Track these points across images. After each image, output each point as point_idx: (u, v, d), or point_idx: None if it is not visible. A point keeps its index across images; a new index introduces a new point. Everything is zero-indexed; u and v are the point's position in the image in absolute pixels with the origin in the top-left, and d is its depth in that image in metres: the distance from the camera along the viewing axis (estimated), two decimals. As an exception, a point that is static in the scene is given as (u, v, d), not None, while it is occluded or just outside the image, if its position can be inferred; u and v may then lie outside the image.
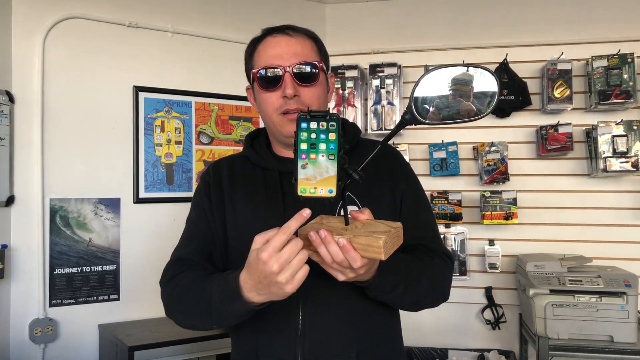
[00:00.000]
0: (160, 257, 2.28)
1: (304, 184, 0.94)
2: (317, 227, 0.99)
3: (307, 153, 0.94)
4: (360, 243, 0.96)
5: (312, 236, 0.97)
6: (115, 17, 2.75)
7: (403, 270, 1.14)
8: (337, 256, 0.97)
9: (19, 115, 2.50)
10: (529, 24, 3.14)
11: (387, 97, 3.15)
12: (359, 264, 0.97)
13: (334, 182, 0.94)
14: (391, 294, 1.15)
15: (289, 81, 1.22)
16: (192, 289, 1.18)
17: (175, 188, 2.89)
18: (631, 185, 2.98)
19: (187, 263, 1.28)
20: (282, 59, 1.23)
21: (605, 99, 2.89)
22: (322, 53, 1.32)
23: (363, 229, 1.00)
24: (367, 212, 1.05)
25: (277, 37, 1.27)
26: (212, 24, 3.03)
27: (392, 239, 0.99)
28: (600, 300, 2.55)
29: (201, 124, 2.98)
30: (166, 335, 2.43)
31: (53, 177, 2.58)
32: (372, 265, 1.05)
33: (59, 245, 2.58)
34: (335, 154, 0.94)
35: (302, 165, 0.94)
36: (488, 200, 3.03)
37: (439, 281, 1.26)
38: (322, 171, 0.94)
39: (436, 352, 3.05)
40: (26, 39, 2.53)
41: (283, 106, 1.23)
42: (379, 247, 0.94)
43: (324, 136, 0.94)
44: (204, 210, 1.33)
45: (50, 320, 2.53)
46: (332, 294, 1.20)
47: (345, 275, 1.02)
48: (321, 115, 0.94)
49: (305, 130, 0.94)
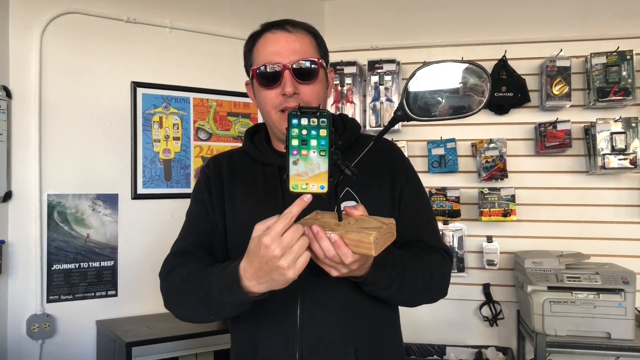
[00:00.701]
0: (158, 253, 2.28)
1: (296, 180, 0.94)
2: (311, 223, 1.00)
3: (298, 149, 0.94)
4: (351, 239, 0.97)
5: (305, 232, 0.98)
6: (114, 12, 2.74)
7: (398, 267, 1.14)
8: (328, 252, 0.97)
9: (16, 110, 2.49)
10: (528, 21, 3.14)
11: (385, 93, 3.14)
12: (350, 259, 0.97)
13: (325, 178, 0.94)
14: (386, 290, 1.15)
15: (288, 79, 1.21)
16: (190, 281, 1.17)
17: (174, 184, 2.89)
18: (629, 183, 2.99)
19: (186, 255, 1.28)
20: (281, 56, 1.22)
21: (603, 96, 2.89)
22: (321, 48, 1.31)
23: (355, 225, 1.01)
24: (360, 208, 1.06)
25: (276, 34, 1.26)
26: (211, 20, 3.02)
27: (384, 235, 0.99)
28: (598, 297, 2.55)
29: (199, 120, 2.98)
30: (164, 331, 2.42)
31: (50, 173, 2.57)
32: (366, 262, 1.05)
33: (56, 241, 2.58)
34: (326, 150, 0.94)
35: (293, 161, 0.94)
36: (486, 197, 3.04)
37: (437, 277, 1.25)
38: (314, 167, 0.94)
39: (434, 349, 3.05)
40: (24, 34, 2.52)
41: (282, 103, 1.23)
42: (369, 243, 0.95)
43: (315, 132, 0.94)
44: (204, 203, 1.33)
45: (47, 316, 2.53)
46: (330, 288, 1.20)
47: (338, 271, 1.03)
48: (312, 112, 0.94)
49: (296, 127, 0.94)
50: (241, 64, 1.35)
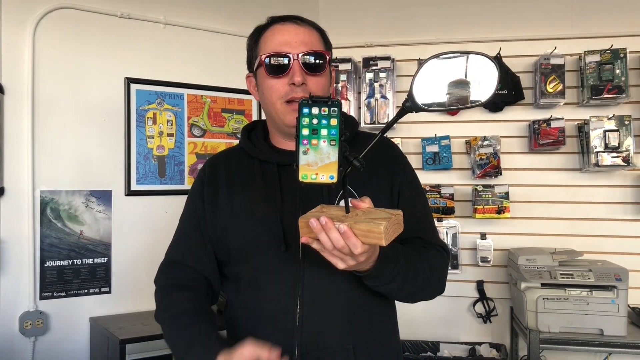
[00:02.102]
0: (152, 250, 2.28)
1: (305, 169, 0.93)
2: (317, 216, 0.98)
3: (308, 139, 0.93)
4: (361, 229, 0.96)
5: (312, 223, 0.97)
6: (107, 7, 2.72)
7: (402, 261, 1.14)
8: (337, 242, 0.97)
9: (8, 106, 2.47)
10: (522, 18, 3.14)
11: (380, 90, 3.14)
12: (360, 250, 0.96)
13: (335, 168, 0.93)
14: (389, 285, 1.15)
15: (297, 69, 1.22)
16: (173, 332, 1.26)
17: (167, 181, 2.88)
18: (622, 180, 3.00)
19: (177, 267, 1.35)
20: (290, 46, 1.23)
21: (597, 93, 2.90)
22: (327, 45, 1.32)
23: (363, 216, 1.00)
24: (367, 200, 1.05)
25: (286, 25, 1.27)
26: (205, 16, 3.01)
27: (393, 225, 0.99)
28: (590, 294, 2.57)
29: (193, 116, 2.97)
30: (158, 328, 2.35)
31: (43, 169, 2.56)
32: (372, 254, 1.04)
33: (49, 237, 2.56)
34: (336, 140, 0.93)
35: (303, 151, 0.93)
36: (480, 194, 3.04)
37: (436, 273, 1.26)
38: (324, 157, 0.93)
39: (427, 345, 3.06)
40: (16, 29, 2.50)
41: (289, 94, 1.23)
42: (379, 232, 0.94)
43: (326, 122, 0.93)
44: (195, 211, 1.35)
45: (40, 313, 2.51)
46: (329, 286, 1.20)
47: (346, 263, 1.01)
48: (323, 101, 0.94)
49: (307, 116, 0.94)
50: (235, 59, 1.35)
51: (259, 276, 1.25)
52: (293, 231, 1.20)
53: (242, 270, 1.29)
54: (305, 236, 1.00)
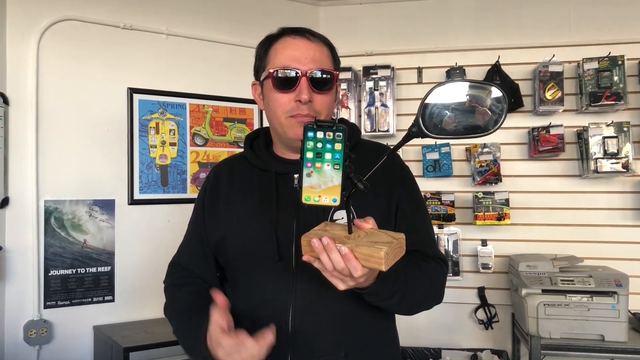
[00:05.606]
0: (155, 259, 2.30)
1: (309, 192, 0.94)
2: (321, 234, 0.99)
3: (312, 162, 0.94)
4: (361, 252, 0.96)
5: (314, 243, 0.98)
6: (110, 19, 2.76)
7: (401, 278, 1.14)
8: (338, 264, 0.97)
9: (13, 117, 2.50)
10: (521, 26, 3.17)
11: (380, 99, 3.17)
12: (360, 273, 0.97)
13: (338, 191, 0.94)
14: (388, 301, 1.15)
15: (305, 86, 1.22)
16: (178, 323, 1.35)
17: (170, 189, 2.90)
18: (621, 186, 3.02)
19: (180, 269, 1.43)
20: (300, 62, 1.23)
21: (596, 100, 2.92)
22: (335, 62, 1.33)
23: (365, 238, 1.01)
24: (371, 221, 1.05)
25: (297, 39, 1.27)
26: (207, 26, 3.04)
27: (394, 250, 0.99)
28: (591, 300, 2.58)
29: (195, 125, 2.99)
30: (161, 336, 2.43)
31: (47, 179, 2.58)
32: (372, 274, 1.05)
33: (53, 246, 2.58)
34: (340, 164, 0.94)
35: (307, 173, 0.94)
36: (481, 201, 3.06)
37: (435, 286, 1.27)
38: (327, 180, 0.94)
39: (429, 352, 3.06)
40: (21, 41, 2.53)
41: (295, 110, 1.24)
42: (380, 257, 0.94)
43: (330, 146, 0.94)
44: (197, 218, 1.41)
45: (44, 322, 2.53)
46: (322, 294, 1.21)
47: (345, 284, 1.02)
48: (328, 125, 0.95)
49: (311, 140, 0.95)
50: (237, 69, 1.37)
51: (253, 284, 1.28)
52: (287, 242, 1.23)
53: (239, 277, 1.33)
54: (307, 254, 1.01)
